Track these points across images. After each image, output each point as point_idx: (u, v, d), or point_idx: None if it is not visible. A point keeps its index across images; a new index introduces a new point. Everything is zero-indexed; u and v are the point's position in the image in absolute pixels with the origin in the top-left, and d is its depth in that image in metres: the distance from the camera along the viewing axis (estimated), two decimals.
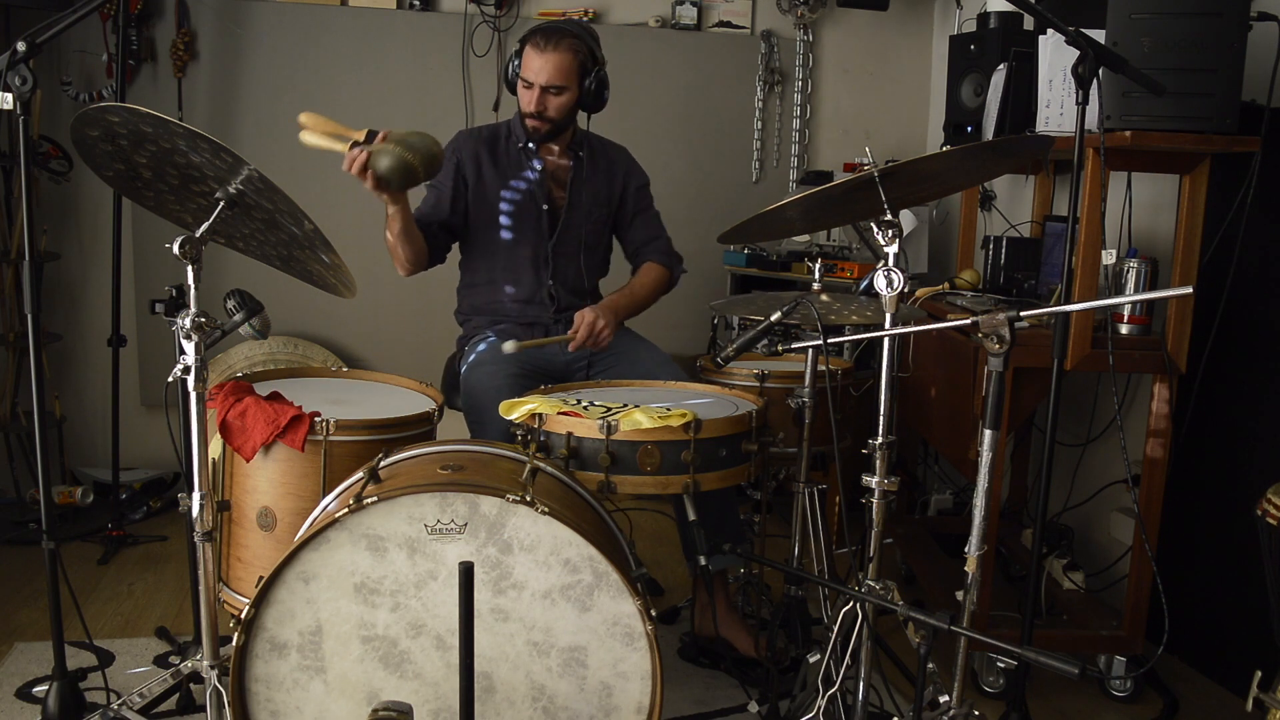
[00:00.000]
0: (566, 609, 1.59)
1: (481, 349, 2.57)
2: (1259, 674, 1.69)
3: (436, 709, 1.59)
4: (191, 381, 1.68)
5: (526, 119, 2.55)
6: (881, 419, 1.74)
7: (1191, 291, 1.49)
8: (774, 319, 1.89)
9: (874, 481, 1.75)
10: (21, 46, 1.83)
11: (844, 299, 2.21)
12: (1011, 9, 2.79)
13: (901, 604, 1.57)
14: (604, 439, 1.96)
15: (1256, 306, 2.43)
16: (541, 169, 2.63)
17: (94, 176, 1.83)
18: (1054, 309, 2.00)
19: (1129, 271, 2.34)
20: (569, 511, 1.61)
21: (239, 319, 1.84)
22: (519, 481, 1.63)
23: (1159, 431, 2.37)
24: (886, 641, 2.51)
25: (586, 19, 3.80)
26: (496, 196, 2.62)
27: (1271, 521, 1.66)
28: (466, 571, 1.32)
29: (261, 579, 1.54)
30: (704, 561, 2.02)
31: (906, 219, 3.46)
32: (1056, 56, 2.34)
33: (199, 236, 1.65)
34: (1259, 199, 2.32)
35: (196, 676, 1.99)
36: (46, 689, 2.02)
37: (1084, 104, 1.94)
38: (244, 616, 1.54)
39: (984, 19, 2.92)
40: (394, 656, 1.58)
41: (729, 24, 3.96)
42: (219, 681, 1.71)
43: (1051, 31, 2.32)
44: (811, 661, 2.02)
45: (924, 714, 1.64)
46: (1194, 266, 2.27)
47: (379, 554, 1.56)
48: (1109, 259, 2.23)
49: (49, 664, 2.06)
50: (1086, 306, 1.74)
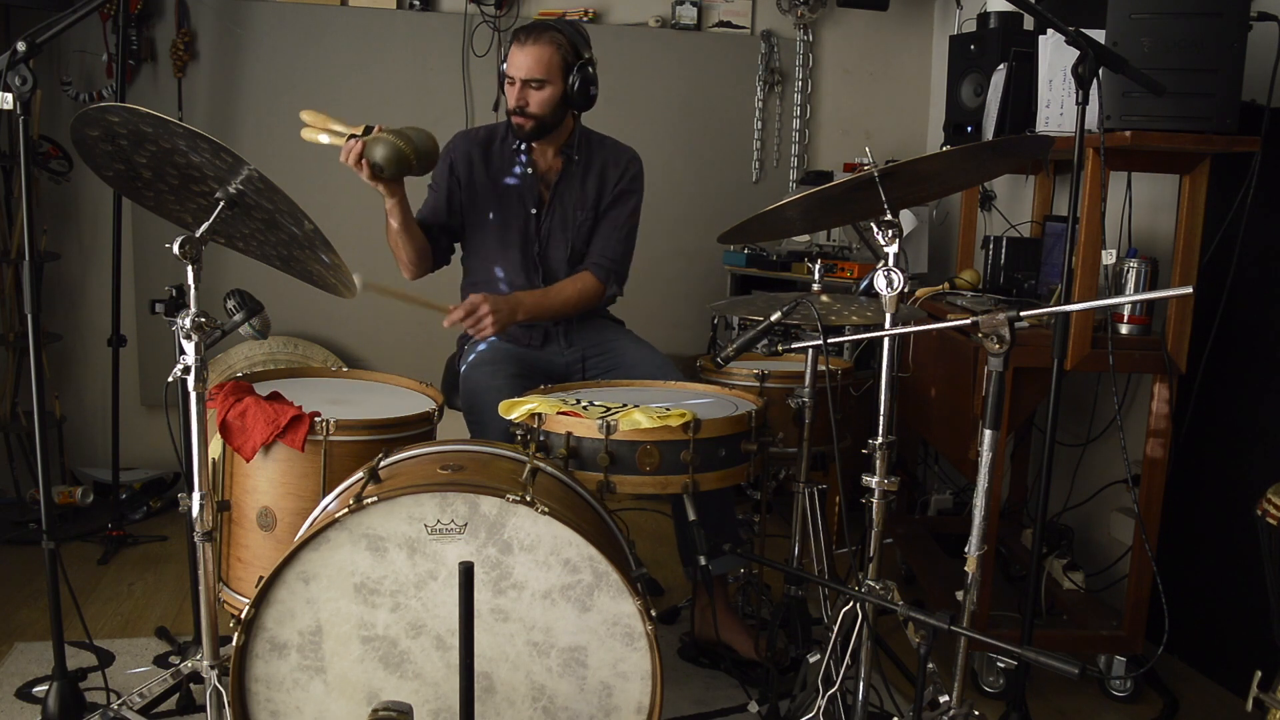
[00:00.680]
0: (566, 609, 1.59)
1: (481, 349, 2.56)
2: (1259, 674, 1.69)
3: (436, 709, 1.59)
4: (191, 381, 1.68)
5: (511, 116, 2.52)
6: (881, 419, 1.74)
7: (1191, 291, 1.49)
8: (774, 319, 1.89)
9: (874, 481, 1.75)
10: (21, 46, 1.84)
11: (844, 299, 2.22)
12: (1011, 9, 2.79)
13: (901, 604, 1.57)
14: (603, 439, 1.96)
15: (1256, 306, 2.43)
16: (531, 170, 2.60)
17: (94, 176, 1.83)
18: (1054, 309, 2.00)
19: (1129, 271, 2.34)
20: (569, 511, 1.61)
21: (239, 319, 1.84)
22: (519, 481, 1.63)
23: (1159, 431, 2.37)
24: (886, 641, 2.51)
25: (586, 19, 3.80)
26: (487, 197, 2.61)
27: (1271, 521, 1.66)
28: (466, 571, 1.32)
29: (261, 579, 1.54)
30: (704, 562, 2.02)
31: (906, 219, 3.46)
32: (1056, 56, 2.34)
33: (199, 236, 1.66)
34: (1259, 199, 2.32)
35: (196, 676, 1.99)
36: (46, 689, 2.02)
37: (1084, 104, 1.94)
38: (244, 616, 1.54)
39: (984, 19, 2.92)
40: (394, 657, 1.58)
41: (729, 24, 3.95)
42: (219, 681, 1.71)
43: (1051, 31, 2.32)
44: (811, 661, 2.02)
45: (924, 714, 1.64)
46: (1194, 266, 2.27)
47: (379, 554, 1.56)
48: (1109, 259, 2.23)
49: (49, 664, 2.06)
50: (1086, 306, 1.74)
